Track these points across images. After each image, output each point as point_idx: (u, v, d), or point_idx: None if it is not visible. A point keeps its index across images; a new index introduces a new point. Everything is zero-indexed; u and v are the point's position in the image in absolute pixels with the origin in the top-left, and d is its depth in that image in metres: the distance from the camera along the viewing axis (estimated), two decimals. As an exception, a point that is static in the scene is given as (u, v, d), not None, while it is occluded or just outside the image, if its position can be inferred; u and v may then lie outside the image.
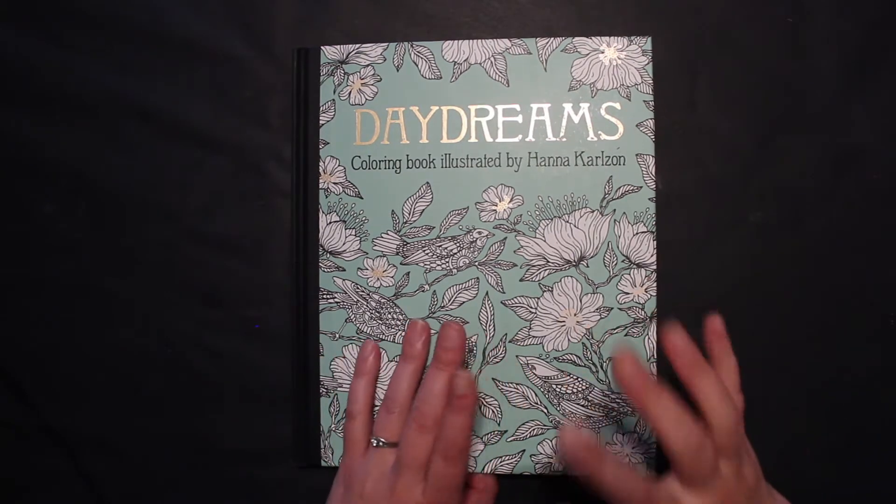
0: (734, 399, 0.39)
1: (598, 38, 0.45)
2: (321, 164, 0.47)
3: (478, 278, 0.45)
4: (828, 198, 0.46)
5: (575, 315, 0.45)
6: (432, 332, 0.45)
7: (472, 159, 0.45)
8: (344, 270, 0.46)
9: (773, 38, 0.47)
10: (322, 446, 0.47)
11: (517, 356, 0.45)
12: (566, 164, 0.45)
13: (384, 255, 0.46)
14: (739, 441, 0.37)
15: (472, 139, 0.46)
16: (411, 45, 0.46)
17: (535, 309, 0.45)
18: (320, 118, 0.47)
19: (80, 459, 0.49)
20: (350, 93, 0.47)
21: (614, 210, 0.45)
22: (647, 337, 0.44)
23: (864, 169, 0.46)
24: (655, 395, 0.36)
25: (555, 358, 0.45)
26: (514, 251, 0.45)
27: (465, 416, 0.40)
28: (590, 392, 0.45)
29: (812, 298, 0.46)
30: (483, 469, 0.45)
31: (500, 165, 0.45)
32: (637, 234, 0.44)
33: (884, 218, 0.46)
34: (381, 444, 0.42)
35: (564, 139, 0.45)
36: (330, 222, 0.47)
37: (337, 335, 0.46)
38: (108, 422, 0.49)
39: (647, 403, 0.36)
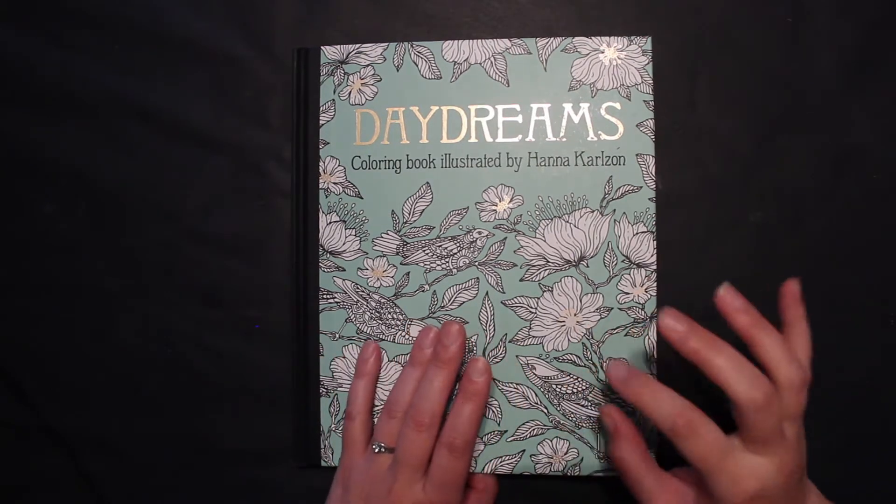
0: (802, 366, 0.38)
1: (598, 38, 0.45)
2: (321, 164, 0.47)
3: (478, 278, 0.45)
4: (828, 198, 0.46)
5: (575, 315, 0.45)
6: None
7: (472, 159, 0.46)
8: (344, 270, 0.46)
9: (773, 38, 0.47)
10: (322, 446, 0.47)
11: (517, 356, 0.45)
12: (566, 164, 0.45)
13: (384, 255, 0.46)
14: (804, 403, 0.36)
15: (472, 139, 0.46)
16: (411, 45, 0.46)
17: (535, 309, 0.45)
18: (320, 118, 0.47)
19: (80, 459, 0.49)
20: (350, 93, 0.47)
21: (614, 210, 0.45)
22: (647, 337, 0.44)
23: (864, 169, 0.46)
24: (717, 347, 0.35)
25: (555, 358, 0.45)
26: (514, 251, 0.45)
27: (475, 404, 0.41)
28: (590, 392, 0.45)
29: (812, 298, 0.46)
30: (483, 469, 0.45)
31: (500, 165, 0.45)
32: (637, 234, 0.45)
33: (884, 218, 0.46)
34: (381, 449, 0.42)
35: (564, 139, 0.45)
36: (330, 222, 0.47)
37: (337, 335, 0.46)
38: (108, 422, 0.49)
39: (707, 355, 0.34)
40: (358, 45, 0.47)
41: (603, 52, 0.45)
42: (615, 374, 0.38)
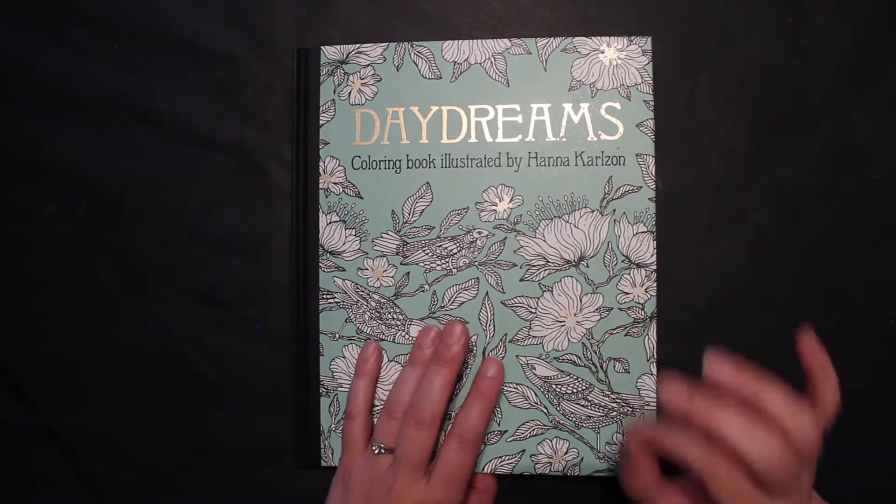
0: (826, 419, 0.37)
1: (598, 38, 0.45)
2: (321, 164, 0.47)
3: (478, 278, 0.45)
4: (828, 198, 0.46)
5: (575, 315, 0.45)
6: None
7: (472, 159, 0.46)
8: (344, 270, 0.46)
9: (773, 38, 0.47)
10: (322, 446, 0.47)
11: (517, 356, 0.45)
12: (566, 164, 0.45)
13: (384, 255, 0.46)
14: (817, 450, 0.35)
15: (472, 139, 0.46)
16: (411, 45, 0.46)
17: (535, 309, 0.45)
18: (320, 118, 0.47)
19: (80, 459, 0.49)
20: (350, 93, 0.47)
21: (614, 210, 0.45)
22: (647, 337, 0.44)
23: (864, 169, 0.46)
24: (722, 412, 0.34)
25: (555, 358, 0.45)
26: (514, 251, 0.45)
27: (487, 401, 0.42)
28: (590, 392, 0.45)
29: (812, 298, 0.46)
30: (483, 469, 0.45)
31: (500, 165, 0.45)
32: (637, 234, 0.45)
33: (884, 218, 0.46)
34: (381, 450, 0.42)
35: (564, 139, 0.45)
36: (330, 222, 0.47)
37: (337, 335, 0.46)
38: (108, 422, 0.49)
39: (713, 422, 0.34)
40: (358, 45, 0.47)
41: (603, 53, 0.45)
42: (636, 434, 0.38)
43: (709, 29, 0.47)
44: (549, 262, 0.45)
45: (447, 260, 0.46)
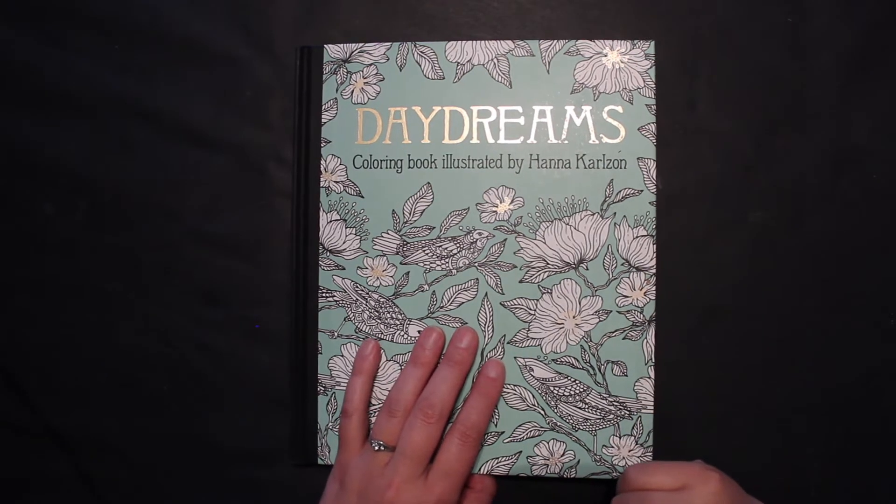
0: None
1: (601, 41, 0.45)
2: (322, 162, 0.47)
3: (477, 279, 0.45)
4: (828, 198, 0.46)
5: (574, 317, 0.45)
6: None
7: (473, 160, 0.45)
8: (344, 269, 0.46)
9: (773, 38, 0.47)
10: (319, 445, 0.47)
11: (515, 357, 0.45)
12: (567, 166, 0.45)
13: (384, 255, 0.46)
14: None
15: (474, 140, 0.46)
16: (414, 45, 0.46)
17: (534, 311, 0.45)
18: (322, 116, 0.47)
19: (80, 459, 0.49)
20: (352, 92, 0.47)
21: (615, 213, 0.45)
22: (645, 340, 0.44)
23: (864, 169, 0.46)
24: None
25: (553, 360, 0.45)
26: (514, 253, 0.45)
27: (489, 400, 0.43)
28: (587, 394, 0.45)
29: (812, 298, 0.46)
30: (480, 470, 0.45)
31: (501, 167, 0.45)
32: (637, 237, 0.44)
33: (884, 218, 0.46)
34: (380, 447, 0.42)
35: (566, 141, 0.45)
36: (330, 221, 0.46)
37: (336, 334, 0.46)
38: (108, 422, 0.49)
39: None
40: (361, 45, 0.47)
41: (606, 56, 0.45)
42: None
43: (709, 29, 0.47)
44: (548, 264, 0.45)
45: (447, 260, 0.46)
